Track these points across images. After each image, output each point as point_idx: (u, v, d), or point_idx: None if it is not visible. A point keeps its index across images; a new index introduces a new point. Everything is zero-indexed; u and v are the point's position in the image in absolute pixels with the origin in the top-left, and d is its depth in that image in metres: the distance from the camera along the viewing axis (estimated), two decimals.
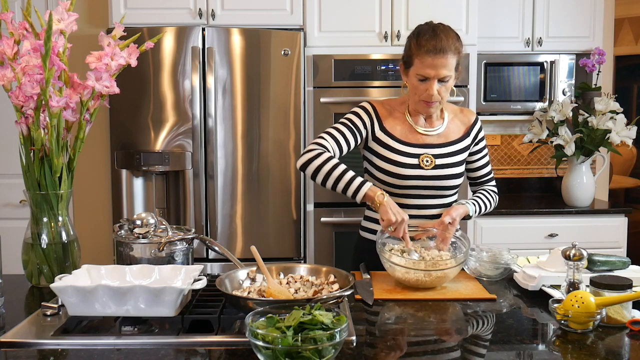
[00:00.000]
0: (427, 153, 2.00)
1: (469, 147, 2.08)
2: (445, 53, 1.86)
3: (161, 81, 3.07)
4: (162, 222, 1.71)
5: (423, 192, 2.00)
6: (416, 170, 1.98)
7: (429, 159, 1.99)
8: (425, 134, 2.02)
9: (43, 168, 1.73)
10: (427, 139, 2.02)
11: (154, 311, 1.38)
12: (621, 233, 3.36)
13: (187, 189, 3.12)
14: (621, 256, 1.81)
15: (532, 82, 3.53)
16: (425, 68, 1.88)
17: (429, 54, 1.87)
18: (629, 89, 5.87)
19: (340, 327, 1.15)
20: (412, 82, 1.95)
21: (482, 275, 1.86)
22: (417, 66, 1.90)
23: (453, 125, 2.07)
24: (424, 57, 1.87)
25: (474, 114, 2.13)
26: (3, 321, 1.50)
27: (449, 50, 1.87)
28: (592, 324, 1.41)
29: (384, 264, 1.80)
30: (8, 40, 1.69)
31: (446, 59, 1.87)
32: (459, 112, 2.11)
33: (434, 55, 1.86)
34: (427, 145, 2.01)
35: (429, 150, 2.01)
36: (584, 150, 3.35)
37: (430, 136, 2.03)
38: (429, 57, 1.87)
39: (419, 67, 1.89)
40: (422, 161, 1.99)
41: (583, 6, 3.53)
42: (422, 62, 1.88)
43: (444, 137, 2.04)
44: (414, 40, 1.92)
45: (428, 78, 1.89)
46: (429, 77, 1.89)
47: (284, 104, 3.10)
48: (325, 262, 3.21)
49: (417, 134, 2.02)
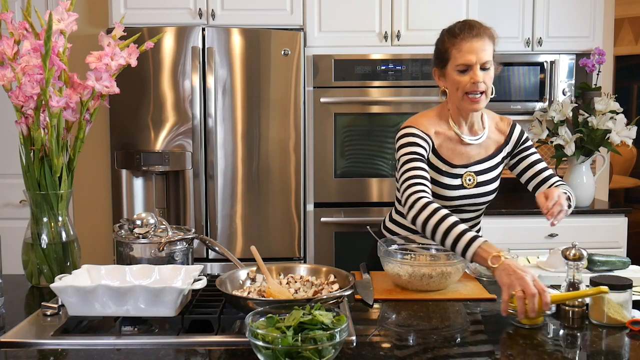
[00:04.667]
0: (469, 172, 1.95)
1: (508, 155, 2.02)
2: (481, 37, 1.83)
3: (161, 81, 3.07)
4: (162, 222, 1.71)
5: (460, 209, 1.97)
6: (459, 190, 1.94)
7: (472, 178, 1.94)
8: (470, 143, 1.95)
9: (43, 168, 1.73)
10: (470, 153, 1.95)
11: (154, 311, 1.38)
12: (621, 233, 3.36)
13: (187, 189, 3.12)
14: (621, 256, 1.81)
15: (532, 82, 3.53)
16: (465, 55, 1.82)
17: (466, 39, 1.82)
18: (629, 89, 5.87)
19: (340, 327, 1.15)
20: (452, 79, 1.87)
21: (482, 275, 1.86)
22: (456, 57, 1.84)
23: (493, 134, 2.00)
24: (462, 44, 1.82)
25: (511, 120, 2.05)
26: (3, 321, 1.50)
27: (484, 34, 1.84)
28: (542, 319, 1.45)
29: (389, 270, 1.77)
30: (8, 40, 1.69)
31: (484, 42, 1.83)
32: (499, 121, 2.03)
33: (472, 39, 1.82)
34: (470, 163, 1.95)
35: (471, 168, 1.95)
36: (584, 150, 3.35)
37: (472, 147, 1.96)
38: (466, 43, 1.82)
39: (458, 57, 1.83)
40: (465, 180, 1.94)
41: (583, 6, 3.53)
42: (460, 50, 1.83)
43: (485, 149, 1.98)
44: (447, 35, 1.88)
45: (470, 66, 1.82)
46: (471, 64, 1.82)
47: (284, 104, 3.10)
48: (325, 262, 3.21)
49: (462, 147, 1.95)
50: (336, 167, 3.27)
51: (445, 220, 1.67)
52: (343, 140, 3.26)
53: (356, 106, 3.24)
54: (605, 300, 1.44)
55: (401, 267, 1.71)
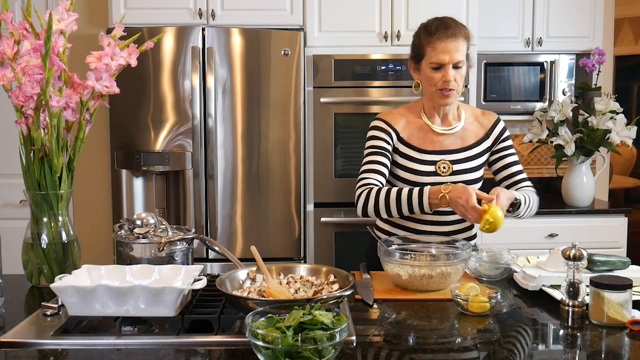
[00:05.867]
0: (444, 160, 1.99)
1: (489, 149, 2.05)
2: (456, 37, 1.90)
3: (161, 81, 3.07)
4: (162, 222, 1.71)
5: None
6: (433, 177, 1.97)
7: (446, 166, 1.98)
8: (443, 133, 2.01)
9: (43, 168, 1.73)
10: (444, 142, 2.01)
11: (154, 311, 1.38)
12: (621, 233, 3.36)
13: (187, 189, 3.12)
14: (621, 256, 1.81)
15: (532, 82, 3.53)
16: (439, 54, 1.90)
17: (441, 39, 1.90)
18: (629, 89, 5.87)
19: (340, 327, 1.15)
20: (425, 75, 1.95)
21: (482, 275, 1.86)
22: (430, 55, 1.92)
23: (472, 127, 2.05)
24: (437, 44, 1.90)
25: (496, 115, 2.09)
26: (3, 321, 1.50)
27: (459, 34, 1.91)
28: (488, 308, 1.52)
29: (389, 270, 1.77)
30: (8, 40, 1.69)
31: (458, 42, 1.91)
32: (480, 115, 2.09)
33: (446, 39, 1.89)
34: (444, 151, 2.00)
35: (446, 156, 1.99)
36: (584, 150, 3.35)
37: (447, 137, 2.01)
38: (441, 43, 1.90)
39: (432, 55, 1.91)
40: (439, 168, 1.98)
41: (583, 6, 3.53)
42: (435, 48, 1.91)
43: (461, 139, 2.02)
44: (423, 32, 1.95)
45: (443, 65, 1.91)
46: (443, 64, 1.90)
47: (284, 104, 3.10)
48: (325, 262, 3.21)
49: (434, 135, 2.01)
50: (336, 167, 3.27)
51: (389, 194, 1.85)
52: (343, 140, 3.26)
53: (356, 106, 3.24)
54: (605, 300, 1.44)
55: (401, 267, 1.71)
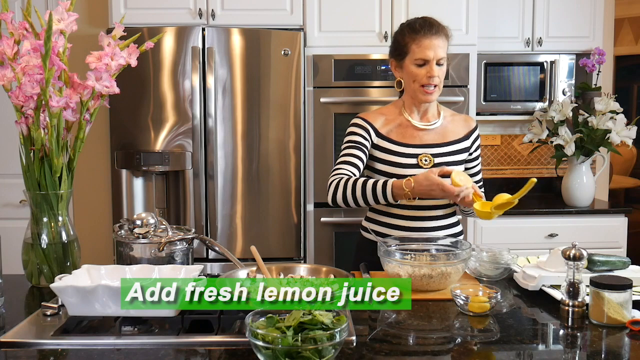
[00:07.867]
0: (425, 152, 2.02)
1: (467, 150, 2.10)
2: (439, 34, 1.97)
3: (161, 81, 3.07)
4: (162, 222, 1.71)
5: None
6: (415, 169, 1.99)
7: (428, 158, 2.01)
8: (424, 128, 2.05)
9: (43, 168, 1.73)
10: (425, 137, 2.04)
11: (154, 311, 1.38)
12: (621, 233, 3.36)
13: (187, 189, 3.12)
14: (621, 256, 1.81)
15: (532, 82, 3.53)
16: (424, 50, 1.95)
17: (426, 36, 1.95)
18: (629, 89, 5.87)
19: (340, 327, 1.15)
20: (409, 71, 1.99)
21: (482, 275, 1.86)
22: (415, 51, 1.97)
23: (453, 125, 2.10)
24: (422, 40, 1.95)
25: (475, 121, 2.19)
26: (3, 321, 1.50)
27: (442, 32, 1.98)
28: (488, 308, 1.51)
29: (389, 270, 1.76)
30: (8, 40, 1.69)
31: (441, 39, 1.97)
32: (459, 115, 2.17)
33: (431, 36, 1.95)
34: (426, 145, 2.03)
35: (428, 149, 2.03)
36: (584, 150, 3.35)
37: (428, 132, 2.05)
38: (426, 39, 1.95)
39: (417, 51, 1.96)
40: (421, 160, 2.01)
41: (583, 6, 3.53)
42: (420, 45, 1.96)
43: (442, 135, 2.06)
44: (407, 29, 2.00)
45: (427, 61, 1.95)
46: (428, 59, 1.95)
47: (284, 104, 3.10)
48: (325, 262, 3.21)
49: (414, 130, 2.05)
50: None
51: (356, 183, 1.90)
52: (343, 140, 3.25)
53: (356, 106, 3.24)
54: (605, 300, 1.44)
55: (401, 267, 1.71)
